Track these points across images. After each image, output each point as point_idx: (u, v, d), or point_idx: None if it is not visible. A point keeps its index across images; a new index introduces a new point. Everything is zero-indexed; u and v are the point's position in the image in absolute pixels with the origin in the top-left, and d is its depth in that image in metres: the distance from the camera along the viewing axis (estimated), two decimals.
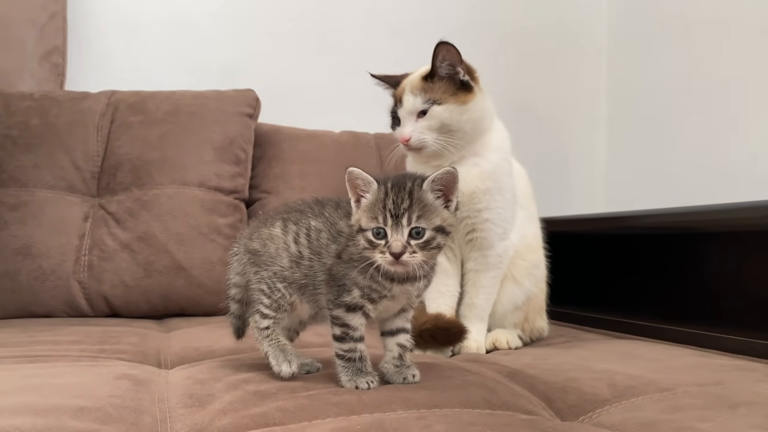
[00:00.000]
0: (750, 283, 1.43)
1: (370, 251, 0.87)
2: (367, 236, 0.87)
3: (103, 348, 1.20)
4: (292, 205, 1.04)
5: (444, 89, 1.30)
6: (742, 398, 0.89)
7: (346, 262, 0.92)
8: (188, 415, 0.83)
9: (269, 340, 0.98)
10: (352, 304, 0.91)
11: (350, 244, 0.92)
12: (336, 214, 0.97)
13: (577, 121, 2.65)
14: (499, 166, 1.34)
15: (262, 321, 0.99)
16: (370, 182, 0.89)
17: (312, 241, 0.96)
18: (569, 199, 2.55)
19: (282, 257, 0.97)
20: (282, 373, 0.94)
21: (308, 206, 1.01)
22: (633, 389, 0.94)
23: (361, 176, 0.89)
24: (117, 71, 2.14)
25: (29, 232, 1.65)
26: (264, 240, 1.00)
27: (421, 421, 0.77)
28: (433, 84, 1.30)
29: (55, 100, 1.82)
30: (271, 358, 0.96)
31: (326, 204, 1.00)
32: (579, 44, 2.64)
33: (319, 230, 0.96)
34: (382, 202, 0.87)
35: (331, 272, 0.93)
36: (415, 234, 0.86)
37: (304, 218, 0.98)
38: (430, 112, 1.30)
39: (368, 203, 0.89)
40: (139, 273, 1.67)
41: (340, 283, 0.92)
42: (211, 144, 1.84)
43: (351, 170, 0.89)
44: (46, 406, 0.79)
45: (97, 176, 1.77)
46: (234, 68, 2.23)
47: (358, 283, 0.91)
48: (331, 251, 0.94)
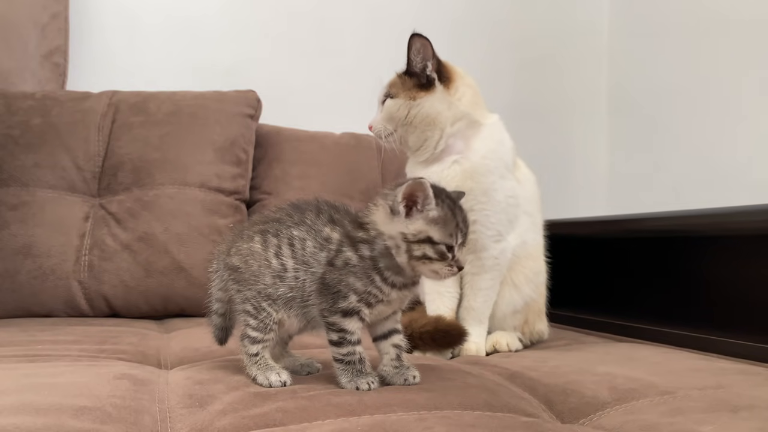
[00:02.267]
0: (751, 286, 1.43)
1: (435, 262, 0.90)
2: (440, 249, 0.89)
3: (102, 348, 1.20)
4: (269, 214, 1.01)
5: (405, 83, 1.33)
6: (743, 402, 0.88)
7: (341, 268, 0.91)
8: (188, 415, 0.83)
9: (258, 365, 0.96)
10: (349, 309, 0.91)
11: (344, 250, 0.91)
12: (319, 221, 0.95)
13: (579, 124, 2.65)
14: (482, 166, 1.32)
15: (251, 347, 0.96)
16: (431, 199, 0.90)
17: (296, 251, 0.94)
18: (570, 202, 2.54)
19: (264, 275, 0.95)
20: (272, 383, 0.93)
21: (286, 214, 0.98)
22: (634, 392, 0.94)
23: (426, 189, 0.89)
24: (118, 71, 2.14)
25: (29, 231, 1.65)
26: (244, 256, 0.97)
27: (421, 422, 0.76)
28: (404, 77, 1.34)
29: (56, 100, 1.82)
30: (258, 377, 0.94)
31: (305, 210, 0.97)
32: (580, 46, 2.64)
33: (303, 239, 0.94)
34: (453, 220, 0.91)
35: (324, 281, 0.92)
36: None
37: (284, 228, 0.96)
38: (385, 102, 1.35)
39: (436, 218, 0.90)
40: (139, 273, 1.67)
41: (335, 290, 0.91)
42: (212, 145, 1.84)
43: (422, 182, 0.89)
44: (46, 405, 0.79)
45: (97, 176, 1.77)
46: (235, 69, 2.24)
47: (355, 289, 0.90)
48: (320, 259, 0.92)
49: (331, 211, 0.97)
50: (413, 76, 1.33)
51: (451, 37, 2.42)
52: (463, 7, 2.50)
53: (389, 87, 1.36)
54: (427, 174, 1.32)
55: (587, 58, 2.64)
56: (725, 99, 2.09)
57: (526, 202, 1.41)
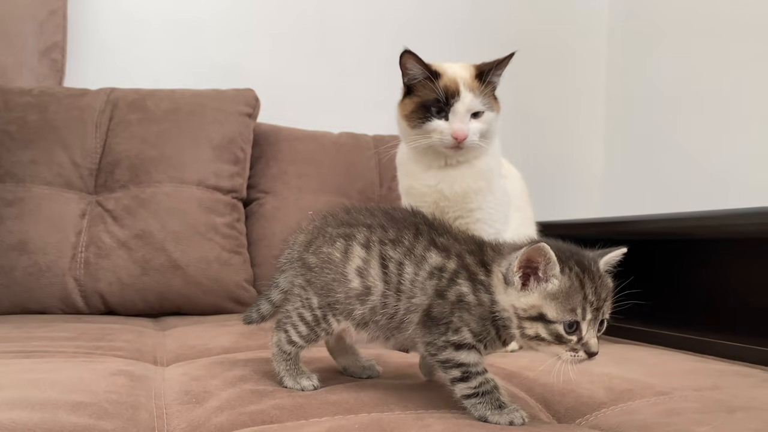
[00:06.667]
0: (746, 289, 1.43)
1: (553, 345, 0.75)
2: (555, 330, 0.74)
3: (98, 345, 1.20)
4: (358, 216, 0.89)
5: (489, 95, 1.29)
6: (740, 403, 0.89)
7: (454, 302, 0.78)
8: (185, 411, 0.83)
9: (287, 363, 0.91)
10: (463, 344, 0.78)
11: (460, 282, 0.79)
12: (419, 244, 0.83)
13: (575, 125, 2.66)
14: (491, 167, 1.34)
15: (286, 345, 0.90)
16: (554, 265, 0.75)
17: (390, 275, 0.81)
18: (566, 204, 2.55)
19: (337, 291, 0.85)
20: (304, 388, 0.89)
21: (380, 226, 0.85)
22: (630, 393, 0.94)
23: (548, 255, 0.74)
24: (116, 68, 2.13)
25: (25, 228, 1.65)
26: (322, 261, 0.87)
27: (419, 421, 0.76)
28: (484, 88, 1.28)
29: (53, 96, 1.81)
30: (286, 380, 0.90)
31: (403, 227, 0.85)
32: (578, 48, 2.65)
33: (400, 263, 0.81)
34: (580, 292, 0.74)
35: (431, 313, 0.79)
36: (599, 325, 0.78)
37: (375, 242, 0.84)
38: (485, 116, 1.27)
39: (558, 290, 0.74)
40: (135, 271, 1.67)
41: (445, 322, 0.78)
42: (209, 143, 1.83)
43: (543, 247, 0.74)
44: (42, 400, 0.79)
45: (94, 173, 1.77)
46: (234, 68, 2.23)
47: (470, 327, 0.78)
48: (427, 289, 0.80)
49: (431, 231, 0.85)
50: (487, 85, 1.28)
51: (450, 36, 2.43)
52: (462, 7, 2.50)
53: (482, 96, 1.26)
54: (444, 176, 1.31)
55: (585, 59, 2.65)
56: (721, 102, 2.10)
57: (516, 197, 1.44)
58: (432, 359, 0.81)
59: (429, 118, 1.26)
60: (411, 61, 1.27)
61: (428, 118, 1.27)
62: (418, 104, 1.28)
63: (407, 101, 1.31)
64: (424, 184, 1.32)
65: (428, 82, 1.27)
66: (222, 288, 1.72)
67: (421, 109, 1.28)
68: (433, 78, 1.26)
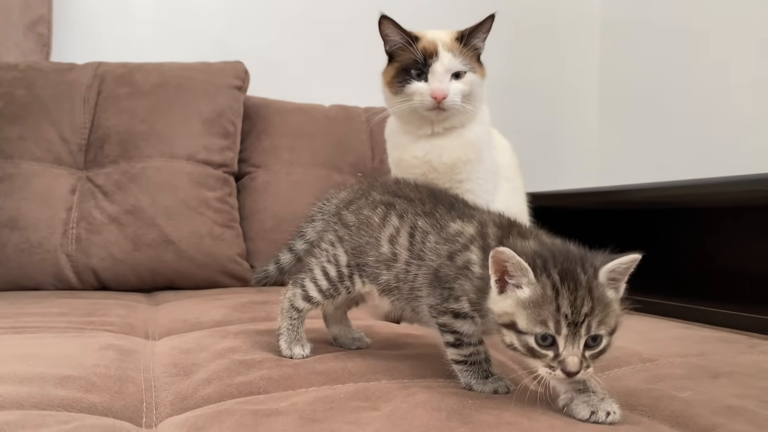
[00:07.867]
0: (737, 257, 1.44)
1: (527, 358, 0.70)
2: (526, 341, 0.68)
3: (90, 320, 1.20)
4: (404, 189, 0.90)
5: (472, 58, 1.29)
6: (724, 368, 0.90)
7: (460, 267, 0.77)
8: (173, 383, 0.83)
9: (291, 321, 0.92)
10: (461, 313, 0.78)
11: (472, 248, 0.77)
12: (448, 216, 0.83)
13: (570, 96, 2.63)
14: (480, 138, 1.34)
15: (300, 302, 0.91)
16: (526, 271, 0.68)
17: (415, 243, 0.82)
18: (561, 174, 2.54)
19: (368, 254, 0.86)
20: (294, 355, 0.90)
21: (419, 199, 0.86)
22: (617, 360, 0.95)
23: (512, 260, 0.68)
24: (104, 42, 2.10)
25: (15, 204, 1.64)
26: (360, 222, 0.88)
27: (404, 390, 0.77)
28: (465, 50, 1.28)
29: (40, 71, 1.79)
30: (282, 339, 0.92)
31: (439, 201, 0.86)
32: (573, 20, 2.61)
33: (426, 232, 0.82)
34: (553, 302, 0.67)
35: (438, 273, 0.79)
36: (591, 342, 0.68)
37: (410, 213, 0.85)
38: (466, 76, 1.27)
39: (528, 298, 0.68)
40: (127, 246, 1.67)
41: (448, 286, 0.78)
42: (199, 116, 1.82)
43: (502, 250, 0.68)
44: (30, 375, 0.79)
45: (84, 149, 1.76)
46: (223, 40, 2.20)
47: (469, 297, 0.76)
48: (441, 252, 0.79)
49: (465, 208, 0.85)
50: (470, 49, 1.28)
51: (446, 11, 2.39)
52: None
53: (464, 58, 1.26)
54: (431, 147, 1.30)
55: (580, 32, 2.62)
56: (714, 71, 2.08)
57: (505, 167, 1.43)
58: (432, 320, 0.82)
59: (409, 80, 1.27)
60: (390, 27, 1.28)
61: (408, 81, 1.27)
62: (398, 69, 1.29)
63: (389, 68, 1.32)
64: (412, 156, 1.32)
65: (408, 46, 1.27)
66: (215, 262, 1.73)
67: (402, 73, 1.28)
68: (412, 42, 1.27)
